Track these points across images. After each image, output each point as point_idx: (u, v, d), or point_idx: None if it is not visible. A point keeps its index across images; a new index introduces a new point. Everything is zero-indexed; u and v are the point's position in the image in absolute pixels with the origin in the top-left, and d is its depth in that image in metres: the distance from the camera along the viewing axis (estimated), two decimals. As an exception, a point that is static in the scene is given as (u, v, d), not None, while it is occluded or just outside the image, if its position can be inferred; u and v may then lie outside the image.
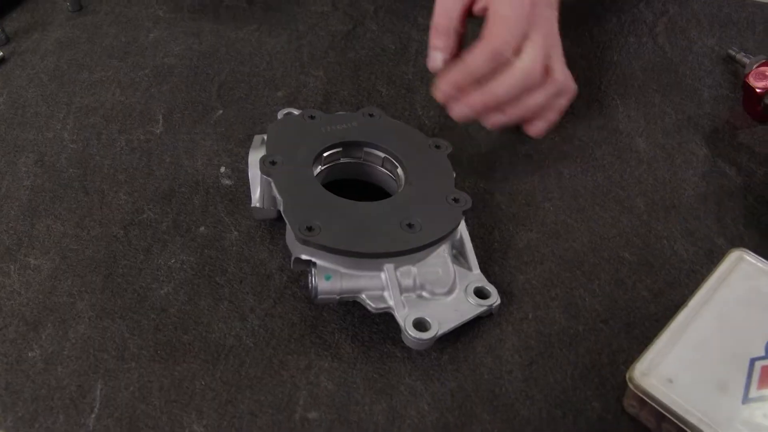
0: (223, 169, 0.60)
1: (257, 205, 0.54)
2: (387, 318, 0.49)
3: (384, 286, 0.48)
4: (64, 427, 0.46)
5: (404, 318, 0.47)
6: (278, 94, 0.67)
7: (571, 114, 0.64)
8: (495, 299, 0.49)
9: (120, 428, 0.45)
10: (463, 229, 0.52)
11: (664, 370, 0.43)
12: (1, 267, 0.55)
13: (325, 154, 0.55)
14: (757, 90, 0.61)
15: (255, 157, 0.54)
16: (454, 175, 0.54)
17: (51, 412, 0.47)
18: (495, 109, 0.57)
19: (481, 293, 0.50)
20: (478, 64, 0.55)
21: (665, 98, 0.66)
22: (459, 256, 0.52)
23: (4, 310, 0.52)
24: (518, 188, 0.59)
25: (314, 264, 0.48)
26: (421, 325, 0.47)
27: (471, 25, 0.58)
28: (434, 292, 0.49)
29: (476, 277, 0.51)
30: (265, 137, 0.56)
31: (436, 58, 0.58)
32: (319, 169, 0.55)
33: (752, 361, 0.43)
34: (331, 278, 0.48)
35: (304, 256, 0.48)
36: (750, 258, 0.48)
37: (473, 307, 0.49)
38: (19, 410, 0.47)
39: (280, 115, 0.59)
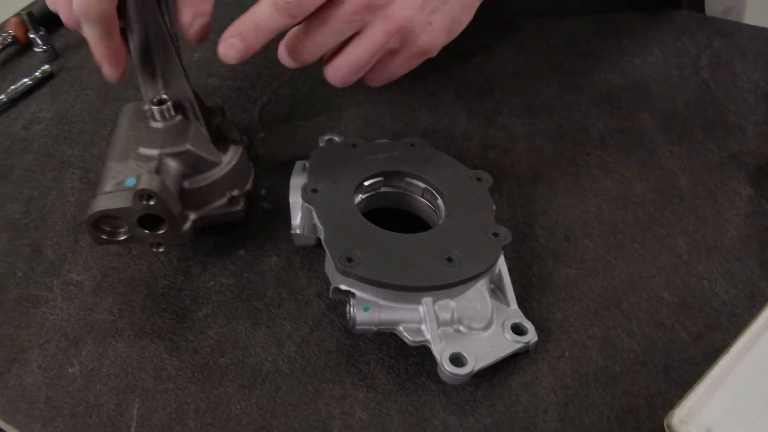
0: (263, 192, 0.61)
1: (297, 231, 0.55)
2: (423, 350, 0.49)
3: (422, 319, 0.48)
4: (102, 447, 0.46)
5: (441, 352, 0.47)
6: (319, 118, 0.68)
7: (612, 147, 0.64)
8: (532, 336, 0.49)
9: (157, 450, 0.46)
10: (501, 264, 0.52)
11: (704, 418, 0.42)
12: (45, 282, 0.56)
13: (366, 183, 0.55)
14: (804, 130, 0.60)
15: (296, 183, 0.55)
16: (495, 208, 0.54)
17: (89, 429, 0.48)
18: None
19: (518, 329, 0.49)
20: (261, 14, 0.50)
21: (708, 134, 0.65)
22: (497, 290, 0.52)
23: (47, 325, 0.54)
24: (558, 222, 0.58)
25: (353, 294, 0.48)
26: (457, 360, 0.47)
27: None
28: (472, 326, 0.49)
29: (514, 312, 0.50)
30: (307, 164, 0.56)
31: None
32: (359, 197, 0.55)
33: (795, 412, 0.42)
34: (370, 309, 0.48)
35: (343, 287, 0.49)
36: (795, 305, 0.48)
37: (510, 344, 0.49)
38: (57, 425, 0.48)
39: (321, 141, 0.60)
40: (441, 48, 0.57)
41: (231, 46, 0.51)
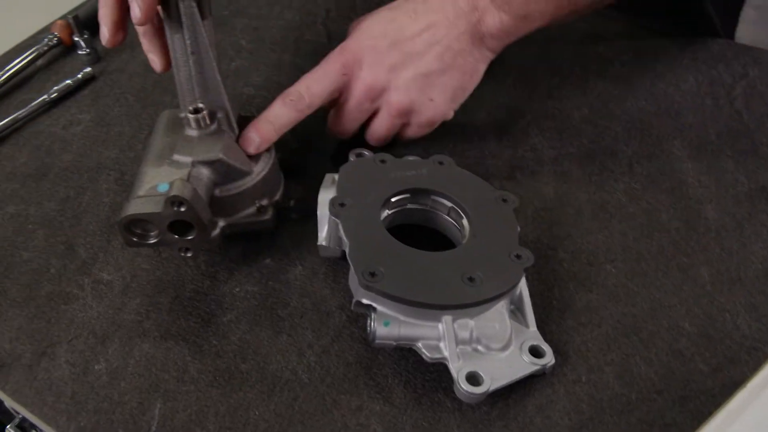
0: (292, 203, 0.62)
1: (323, 243, 0.56)
2: (441, 367, 0.50)
3: (440, 337, 0.49)
4: (123, 443, 0.48)
5: (458, 370, 0.48)
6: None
7: (640, 174, 0.64)
8: (549, 359, 0.49)
9: (175, 451, 0.47)
10: (523, 286, 0.52)
11: (717, 451, 0.42)
12: (77, 280, 0.58)
13: (393, 199, 0.56)
14: (836, 166, 0.60)
15: (325, 196, 0.56)
16: (519, 230, 0.54)
17: (111, 426, 0.49)
18: None
19: (536, 352, 0.50)
20: (273, 111, 0.60)
21: (739, 165, 0.65)
22: (517, 311, 0.52)
23: (76, 322, 0.55)
24: (581, 247, 0.59)
25: (374, 309, 0.49)
26: (474, 379, 0.47)
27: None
28: (490, 346, 0.49)
29: (532, 334, 0.51)
30: (336, 177, 0.57)
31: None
32: (386, 213, 0.56)
33: (811, 452, 0.42)
34: (390, 324, 0.49)
35: (365, 300, 0.50)
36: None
37: (527, 365, 0.49)
38: (81, 420, 0.49)
39: (351, 155, 0.61)
40: (452, 114, 0.65)
41: (249, 140, 0.58)
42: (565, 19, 0.63)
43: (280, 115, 0.59)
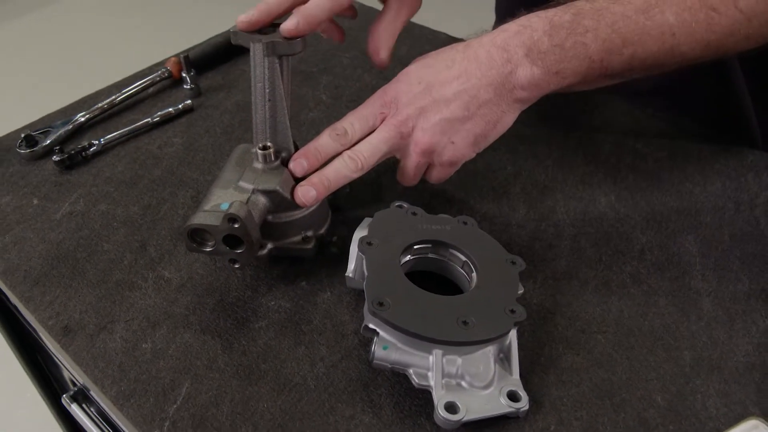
0: (334, 239, 0.71)
1: (350, 275, 0.65)
2: (428, 395, 0.57)
3: (430, 367, 0.56)
4: (151, 408, 0.57)
5: (439, 398, 0.55)
6: (399, 187, 0.77)
7: (648, 261, 0.70)
8: (524, 404, 0.56)
9: (192, 422, 0.56)
10: (513, 338, 0.59)
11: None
12: (143, 273, 0.68)
13: (415, 247, 0.64)
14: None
15: (359, 235, 0.65)
16: (521, 291, 0.61)
17: (145, 394, 0.59)
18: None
19: (513, 396, 0.56)
20: (321, 142, 0.68)
21: (744, 266, 0.70)
22: (505, 360, 0.59)
23: (135, 307, 0.66)
24: (578, 315, 0.65)
25: (377, 333, 0.57)
26: (451, 408, 0.54)
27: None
28: (472, 384, 0.56)
29: (514, 381, 0.57)
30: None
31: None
32: (407, 257, 0.64)
33: None
34: (388, 348, 0.56)
35: (371, 325, 0.58)
36: (765, 428, 0.52)
37: (502, 406, 0.56)
38: (122, 385, 0.59)
39: (392, 205, 0.70)
40: (474, 155, 0.70)
41: (298, 164, 0.67)
42: (596, 83, 0.67)
43: (327, 146, 0.68)
